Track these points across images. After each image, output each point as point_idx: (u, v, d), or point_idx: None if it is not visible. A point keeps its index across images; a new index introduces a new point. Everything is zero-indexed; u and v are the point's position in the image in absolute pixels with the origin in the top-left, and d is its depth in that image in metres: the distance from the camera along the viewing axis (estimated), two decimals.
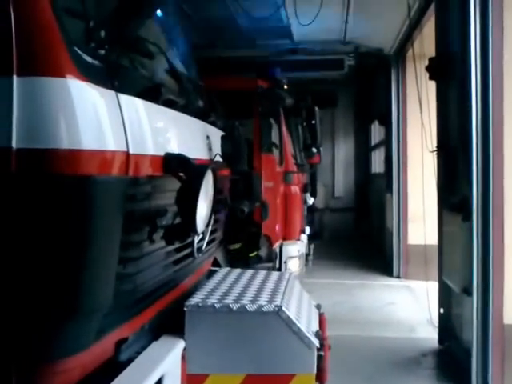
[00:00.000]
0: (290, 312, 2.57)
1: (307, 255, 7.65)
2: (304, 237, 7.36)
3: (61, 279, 1.65)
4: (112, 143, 1.72)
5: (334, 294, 7.59)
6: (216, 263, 4.18)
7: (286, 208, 6.60)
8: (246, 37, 8.79)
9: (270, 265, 6.20)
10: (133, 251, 1.97)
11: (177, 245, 2.34)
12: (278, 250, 6.36)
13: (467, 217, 4.39)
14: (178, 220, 2.17)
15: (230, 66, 8.26)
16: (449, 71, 5.10)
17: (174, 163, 2.09)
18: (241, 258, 4.35)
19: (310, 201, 8.21)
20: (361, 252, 11.52)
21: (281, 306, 2.54)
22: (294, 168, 6.96)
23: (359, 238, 13.25)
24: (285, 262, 6.41)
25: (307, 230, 7.73)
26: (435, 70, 5.25)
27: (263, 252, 3.72)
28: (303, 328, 2.53)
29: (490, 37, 4.21)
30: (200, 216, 2.13)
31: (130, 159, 1.80)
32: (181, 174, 2.10)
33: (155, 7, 2.88)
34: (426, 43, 6.36)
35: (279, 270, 6.26)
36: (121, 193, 1.78)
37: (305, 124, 7.73)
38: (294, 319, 2.53)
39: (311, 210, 9.86)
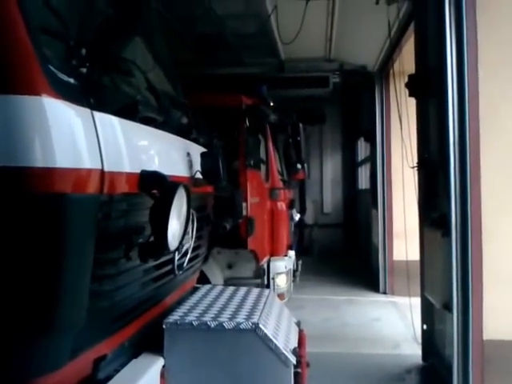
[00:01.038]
0: (268, 329, 2.59)
1: (295, 271, 7.67)
2: (292, 253, 7.39)
3: (32, 297, 1.65)
4: (86, 161, 1.72)
5: (321, 310, 7.62)
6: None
7: (273, 224, 6.64)
8: (234, 54, 8.89)
9: (258, 281, 6.23)
10: (109, 268, 1.98)
11: (154, 262, 2.35)
12: (265, 266, 6.38)
13: (446, 233, 4.43)
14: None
15: (217, 83, 8.33)
16: (427, 88, 5.18)
17: (149, 181, 2.10)
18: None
19: (297, 217, 8.24)
20: (349, 268, 11.54)
21: (258, 324, 2.57)
22: (280, 184, 7.01)
23: (347, 253, 13.28)
24: (272, 278, 6.42)
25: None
26: (414, 87, 5.34)
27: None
28: (280, 345, 2.56)
29: (465, 55, 4.29)
30: (172, 233, 2.13)
31: (105, 177, 1.81)
32: (155, 192, 2.11)
33: (134, 25, 2.94)
34: (406, 61, 6.47)
35: (267, 286, 6.27)
36: (95, 210, 1.79)
37: (290, 140, 7.80)
38: (270, 336, 2.55)
39: (300, 226, 9.89)
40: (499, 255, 4.29)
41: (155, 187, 2.10)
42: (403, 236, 6.48)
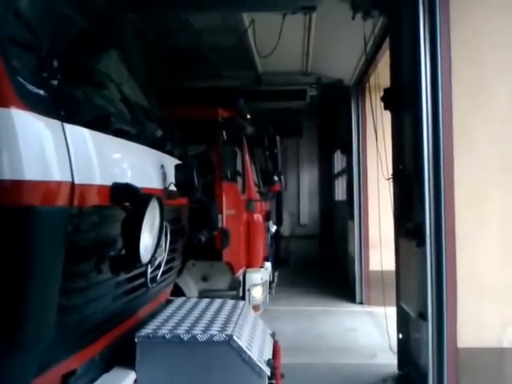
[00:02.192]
0: (242, 341, 2.59)
1: (271, 283, 7.69)
2: (268, 264, 7.41)
3: None
4: (55, 173, 1.70)
5: (297, 321, 7.63)
6: None
7: (249, 236, 6.66)
8: (211, 67, 8.95)
9: (234, 293, 6.23)
10: (79, 282, 1.94)
11: (127, 275, 2.32)
12: (241, 278, 6.39)
13: (421, 243, 4.51)
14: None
15: (194, 97, 8.37)
16: (402, 102, 5.29)
17: (120, 193, 2.07)
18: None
19: (273, 228, 8.28)
20: (325, 279, 11.60)
21: (232, 335, 2.55)
22: (257, 196, 7.05)
23: (324, 264, 13.34)
24: (248, 290, 6.43)
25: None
26: (389, 100, 5.45)
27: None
28: (254, 356, 2.55)
29: (439, 70, 4.39)
30: (145, 246, 2.10)
31: (75, 189, 1.78)
32: (127, 204, 2.08)
33: (107, 38, 2.94)
34: (381, 75, 6.59)
35: (243, 297, 6.27)
36: (64, 223, 1.76)
37: (267, 153, 7.86)
38: (244, 348, 2.55)
39: (277, 237, 9.92)
40: (473, 265, 4.38)
41: (127, 199, 2.07)
42: (378, 246, 6.56)
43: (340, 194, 12.69)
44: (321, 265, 13.38)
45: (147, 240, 2.13)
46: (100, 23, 2.96)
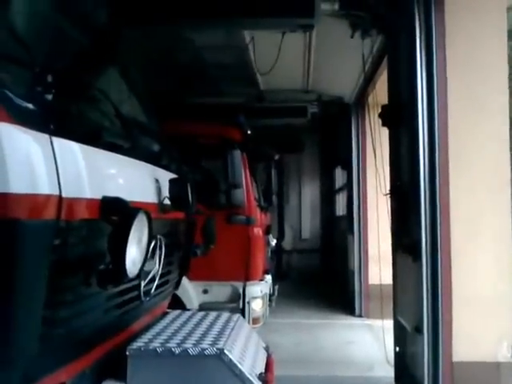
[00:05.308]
0: (233, 354, 2.54)
1: (271, 295, 7.74)
2: (268, 277, 7.47)
3: None
4: (43, 187, 1.68)
5: (296, 334, 7.69)
6: None
7: (249, 249, 6.73)
8: (212, 84, 9.08)
9: (234, 305, 6.29)
10: (66, 295, 1.92)
11: (117, 288, 2.29)
12: (241, 291, 6.46)
13: (417, 258, 4.58)
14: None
15: (196, 113, 8.50)
16: (399, 119, 5.38)
17: (109, 207, 2.05)
18: None
19: (273, 242, 8.36)
20: (325, 292, 11.63)
21: (223, 349, 2.52)
22: (257, 210, 7.13)
23: (325, 278, 13.38)
24: (248, 303, 6.48)
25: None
26: (387, 117, 5.54)
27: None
28: (246, 370, 2.51)
29: (435, 87, 4.47)
30: (132, 260, 2.08)
31: (63, 203, 1.76)
32: (115, 218, 2.06)
33: (105, 54, 2.93)
34: (380, 93, 6.70)
35: (242, 310, 6.33)
36: (50, 236, 1.75)
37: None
38: (236, 362, 2.50)
39: (278, 251, 9.97)
40: (468, 280, 4.43)
41: (115, 213, 2.05)
42: (377, 260, 6.63)
43: (341, 208, 12.77)
44: (321, 278, 13.42)
45: (134, 254, 2.11)
46: (100, 39, 2.97)
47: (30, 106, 1.75)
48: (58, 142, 1.81)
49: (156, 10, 4.47)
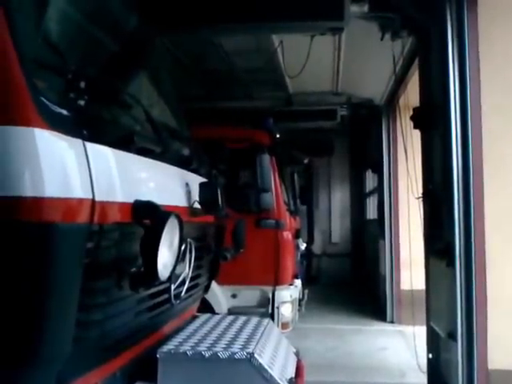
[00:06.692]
0: (263, 359, 2.54)
1: (300, 300, 7.70)
2: (298, 282, 7.44)
3: (15, 327, 1.64)
4: (76, 191, 1.73)
5: (326, 339, 7.63)
6: None
7: (278, 253, 6.72)
8: (242, 88, 9.12)
9: (263, 310, 6.28)
10: (99, 297, 1.95)
11: (149, 291, 2.32)
12: (270, 295, 6.44)
13: (451, 263, 4.50)
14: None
15: (225, 117, 8.54)
16: (431, 121, 5.30)
17: (141, 210, 2.07)
18: None
19: (303, 246, 8.32)
20: (356, 297, 11.54)
21: (253, 353, 2.51)
22: (286, 214, 7.11)
23: (355, 283, 13.28)
24: (277, 307, 6.46)
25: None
26: (419, 119, 5.46)
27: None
28: (276, 375, 2.51)
29: (468, 89, 4.39)
30: (163, 263, 2.10)
31: (96, 206, 1.80)
32: (147, 221, 2.08)
33: (137, 60, 2.99)
34: (412, 95, 6.62)
35: (271, 315, 6.31)
36: (84, 240, 1.78)
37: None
38: (266, 366, 2.49)
39: (308, 255, 9.91)
40: (503, 285, 4.33)
41: (147, 217, 2.07)
42: (409, 265, 6.54)
43: (371, 212, 12.65)
44: (352, 283, 13.33)
45: (166, 257, 2.14)
46: (131, 45, 3.02)
47: (64, 111, 1.79)
48: (91, 146, 1.86)
49: (188, 17, 4.49)
